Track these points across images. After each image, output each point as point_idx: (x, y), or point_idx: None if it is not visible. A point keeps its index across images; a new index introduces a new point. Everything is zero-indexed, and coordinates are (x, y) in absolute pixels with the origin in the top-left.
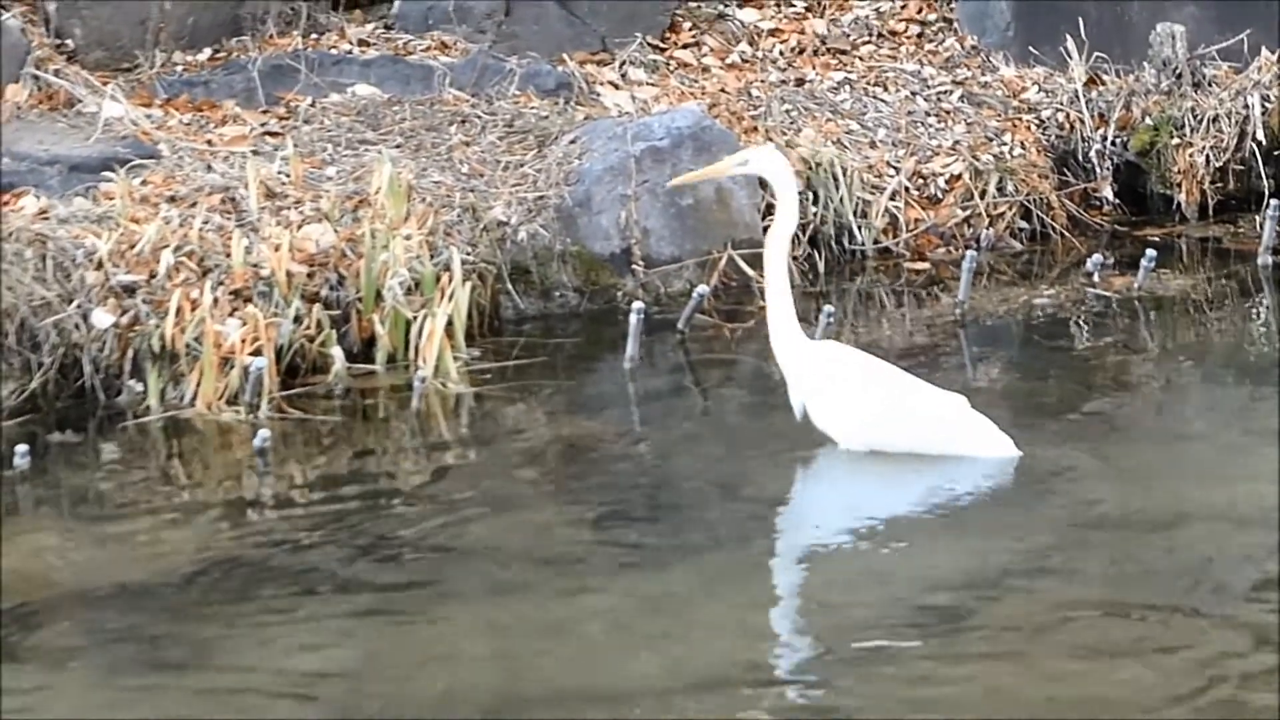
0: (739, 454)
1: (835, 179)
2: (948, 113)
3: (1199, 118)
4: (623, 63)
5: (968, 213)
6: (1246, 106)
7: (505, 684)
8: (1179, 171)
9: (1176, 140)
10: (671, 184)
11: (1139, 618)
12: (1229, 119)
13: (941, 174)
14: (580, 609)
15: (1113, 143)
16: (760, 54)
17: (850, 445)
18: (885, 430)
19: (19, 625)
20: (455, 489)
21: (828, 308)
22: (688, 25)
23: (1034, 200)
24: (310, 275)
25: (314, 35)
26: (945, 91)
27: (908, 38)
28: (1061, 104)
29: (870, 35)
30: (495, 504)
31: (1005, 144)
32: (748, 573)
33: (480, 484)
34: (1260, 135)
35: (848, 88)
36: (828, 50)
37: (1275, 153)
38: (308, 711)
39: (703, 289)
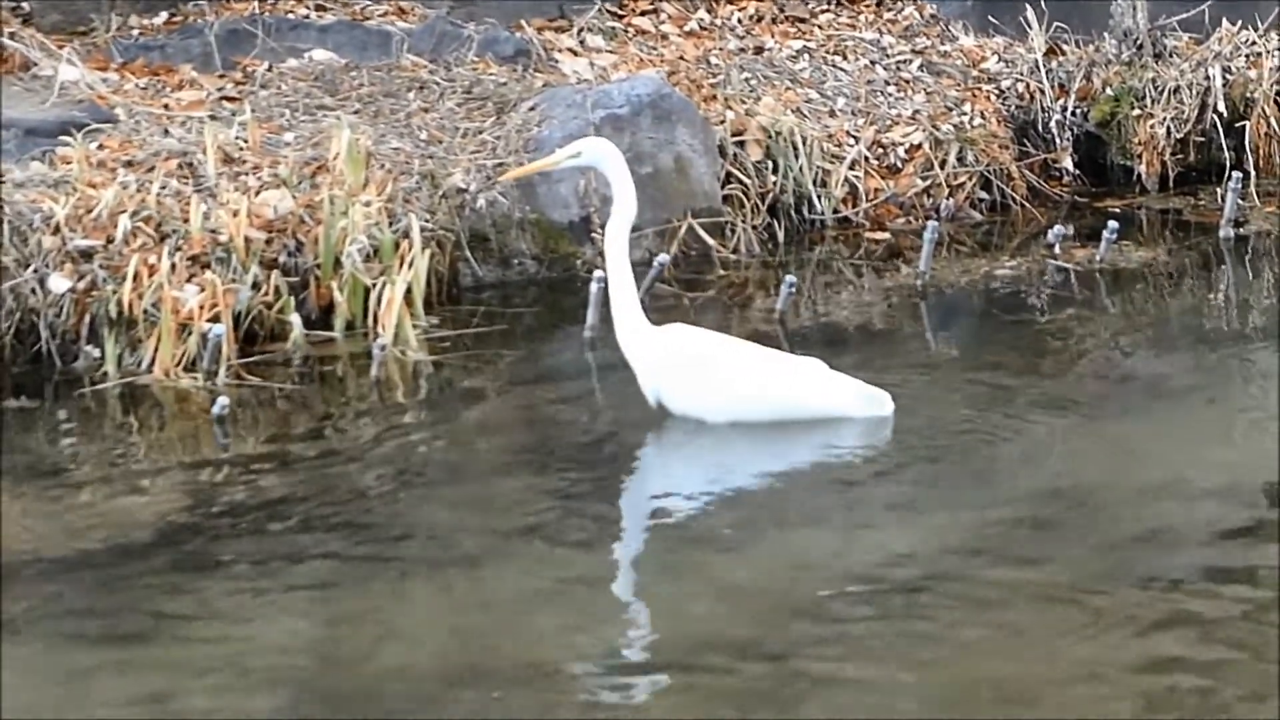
0: (692, 424)
1: (795, 148)
2: (907, 82)
3: (1160, 89)
4: (581, 29)
5: (928, 183)
6: (1208, 78)
7: (464, 657)
8: (1139, 143)
9: (1137, 111)
10: (505, 177)
11: (1074, 596)
12: (1190, 90)
13: (901, 143)
14: (537, 581)
15: (1073, 113)
16: (719, 22)
17: (714, 420)
18: (747, 402)
19: None
20: (414, 459)
21: (789, 278)
22: None
23: (994, 171)
24: (268, 242)
25: (270, 1)
26: (905, 61)
27: (867, 6)
28: (1021, 74)
29: (829, 3)
30: (454, 474)
31: (965, 114)
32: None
33: (439, 454)
34: (1221, 107)
35: (806, 56)
36: (786, 18)
37: (1236, 125)
38: (265, 685)
39: (663, 258)
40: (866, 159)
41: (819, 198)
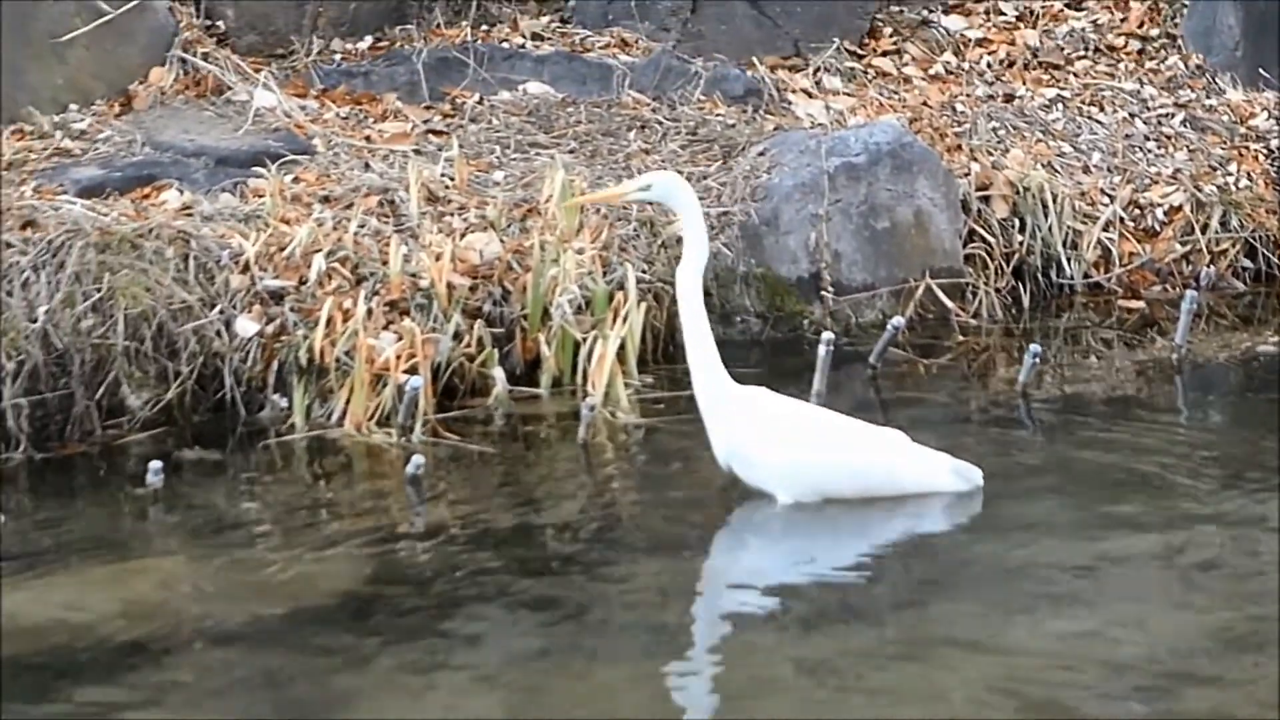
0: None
1: (1044, 206)
2: (1168, 138)
3: None
4: (817, 69)
5: (1187, 248)
6: None
7: None
8: None
9: None
10: (566, 205)
11: None
12: None
13: (1160, 204)
14: (739, 664)
15: None
16: (966, 65)
17: (790, 497)
18: (830, 474)
19: (143, 660)
20: (619, 529)
21: (1033, 346)
22: (888, 31)
23: (1260, 237)
24: (472, 288)
25: (484, 27)
26: (1166, 114)
27: (1127, 54)
28: None
29: (1086, 50)
30: (661, 547)
31: (1230, 174)
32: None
33: (647, 525)
34: None
35: (1060, 106)
36: (1040, 64)
37: None
38: None
39: (897, 321)
40: (1122, 220)
41: (1068, 260)
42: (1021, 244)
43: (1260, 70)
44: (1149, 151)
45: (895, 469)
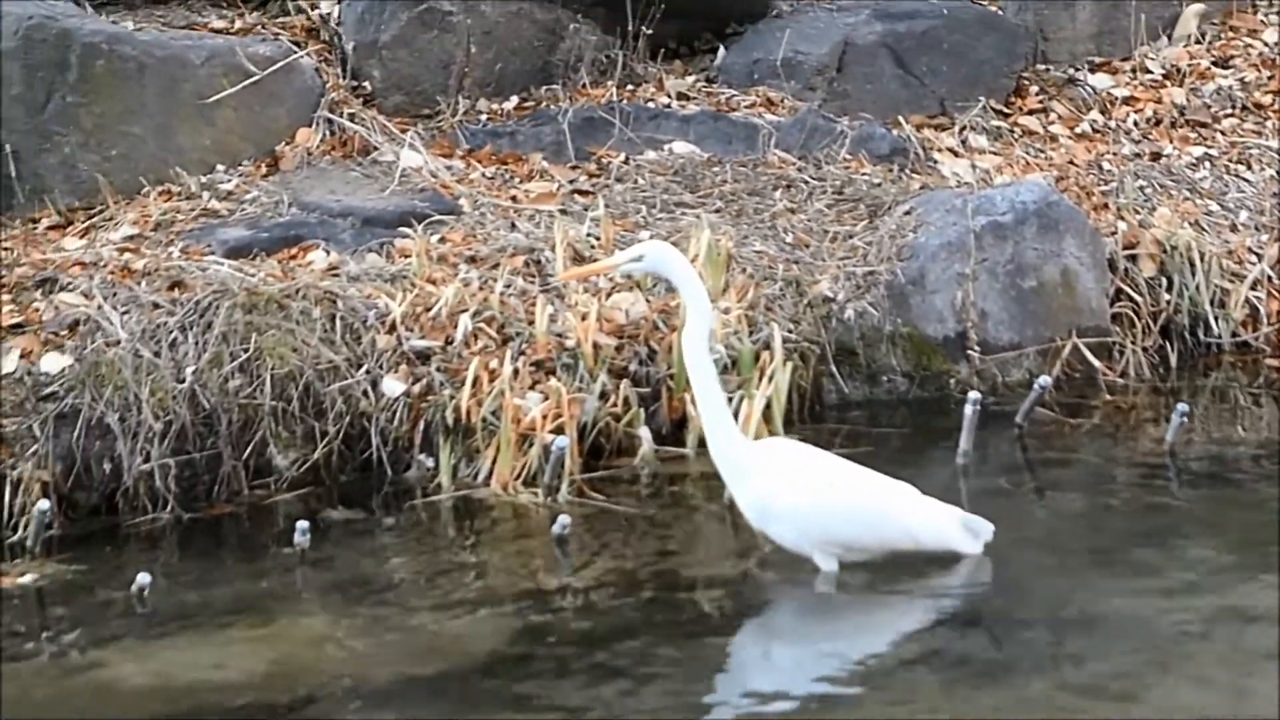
0: (1075, 566)
1: (1191, 264)
2: None
3: None
4: (963, 128)
5: None
6: None
7: None
8: None
9: None
10: (561, 278)
11: None
12: None
13: None
14: None
15: None
16: (1113, 124)
17: (809, 547)
18: (840, 522)
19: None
20: (768, 588)
21: (1181, 405)
22: (1035, 90)
23: None
24: (618, 348)
25: (629, 86)
26: None
27: (1274, 111)
28: None
29: (1234, 108)
30: (810, 610)
31: None
32: (1067, 697)
33: (791, 589)
34: None
35: (1208, 164)
36: (1186, 122)
37: None
38: None
39: (1044, 380)
40: (1269, 278)
41: (1216, 319)
42: (1169, 303)
43: None
44: None
45: (908, 517)
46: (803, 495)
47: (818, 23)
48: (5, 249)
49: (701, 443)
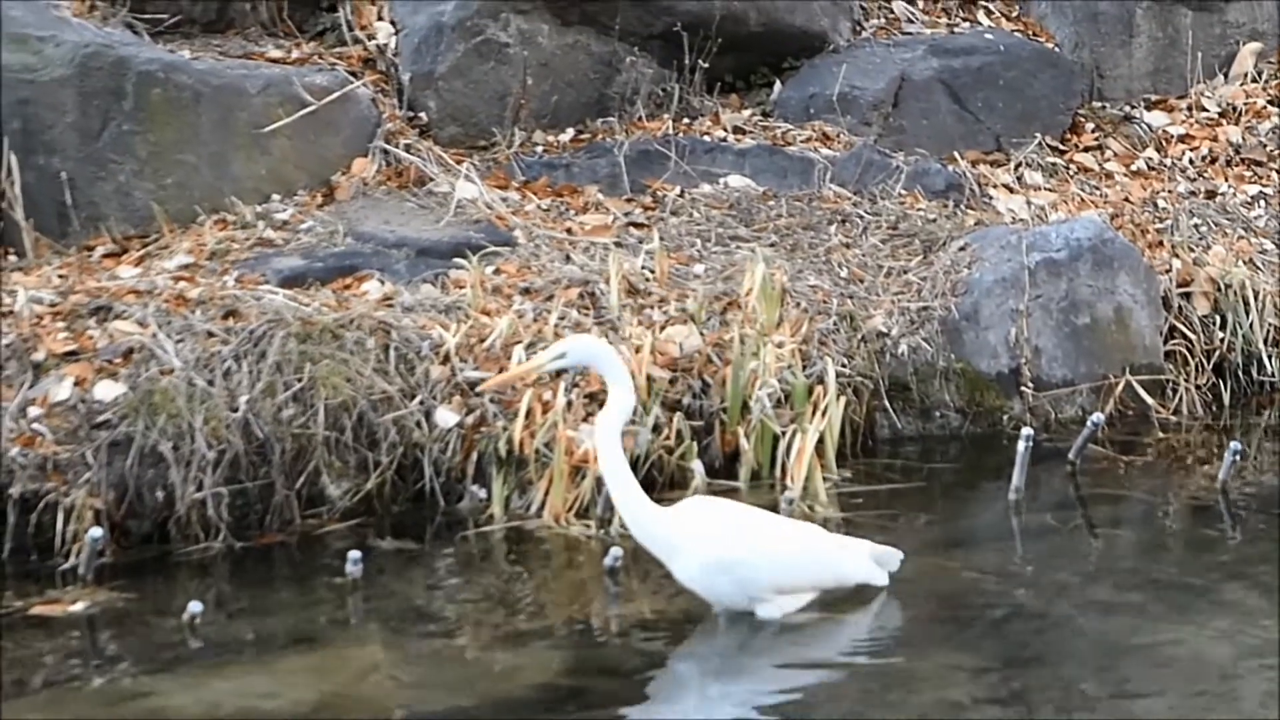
0: (1128, 604)
1: (1246, 302)
2: None
3: None
4: (1018, 164)
5: None
6: None
7: None
8: None
9: None
10: (483, 388)
11: None
12: None
13: None
14: None
15: None
16: (1169, 162)
17: (751, 602)
18: (784, 577)
19: None
20: (818, 626)
21: (1234, 444)
22: (1090, 127)
23: None
24: (672, 381)
25: (685, 119)
26: None
27: None
28: None
29: None
30: (860, 646)
31: None
32: None
33: (838, 626)
34: None
35: (1263, 202)
36: (1242, 160)
37: None
38: None
39: (1097, 417)
40: None
41: (1270, 357)
42: (1222, 341)
43: None
44: None
45: (833, 556)
46: (737, 550)
47: (874, 58)
48: (60, 276)
49: (754, 475)
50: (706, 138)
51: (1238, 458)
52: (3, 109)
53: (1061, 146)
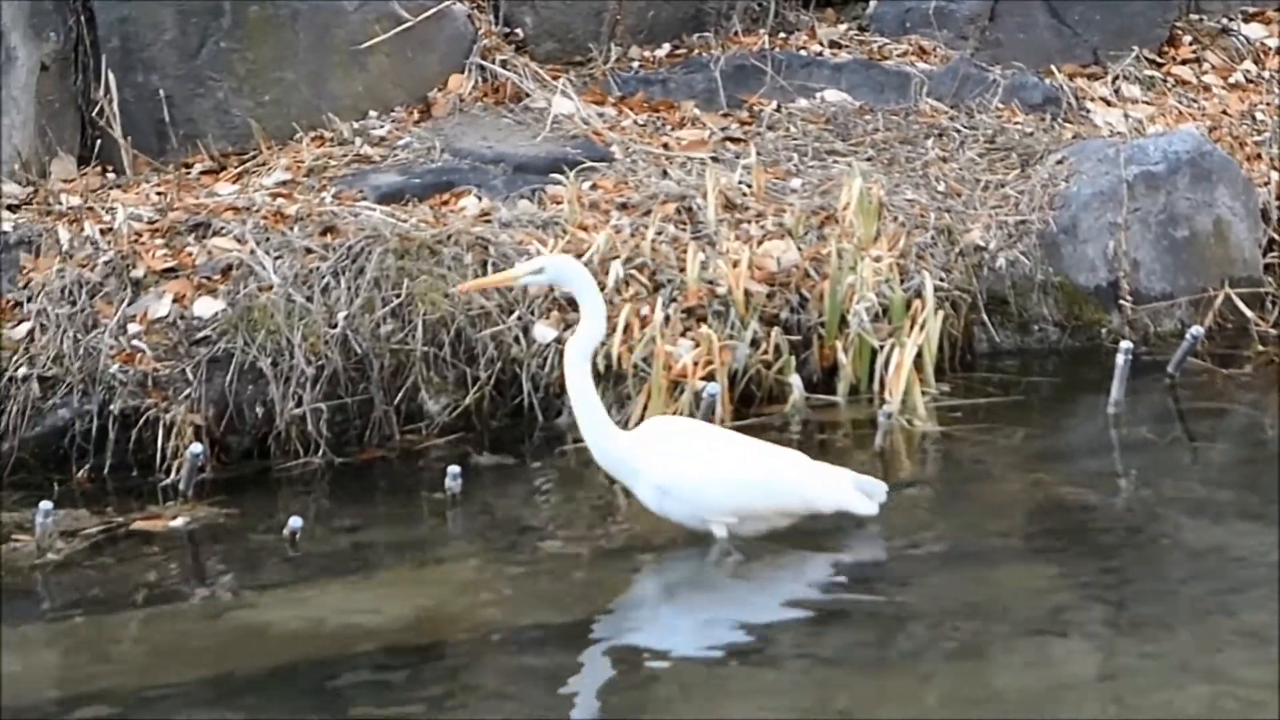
0: (1227, 516)
1: None
2: None
3: None
4: (1116, 78)
5: None
6: None
7: None
8: None
9: None
10: (459, 289)
11: None
12: None
13: None
14: (1049, 677)
15: None
16: (1266, 74)
17: (706, 523)
18: (740, 500)
19: (440, 664)
20: (918, 539)
21: None
22: (1188, 40)
23: None
24: (769, 296)
25: (781, 34)
26: None
27: None
28: None
29: None
30: (961, 557)
31: None
32: (1220, 649)
33: (945, 534)
34: None
35: None
36: None
37: None
38: None
39: (1196, 330)
40: None
41: None
42: None
43: None
44: None
45: (799, 482)
46: (693, 470)
47: None
48: (158, 193)
49: (852, 390)
50: (802, 52)
51: None
52: (101, 27)
53: (1159, 59)
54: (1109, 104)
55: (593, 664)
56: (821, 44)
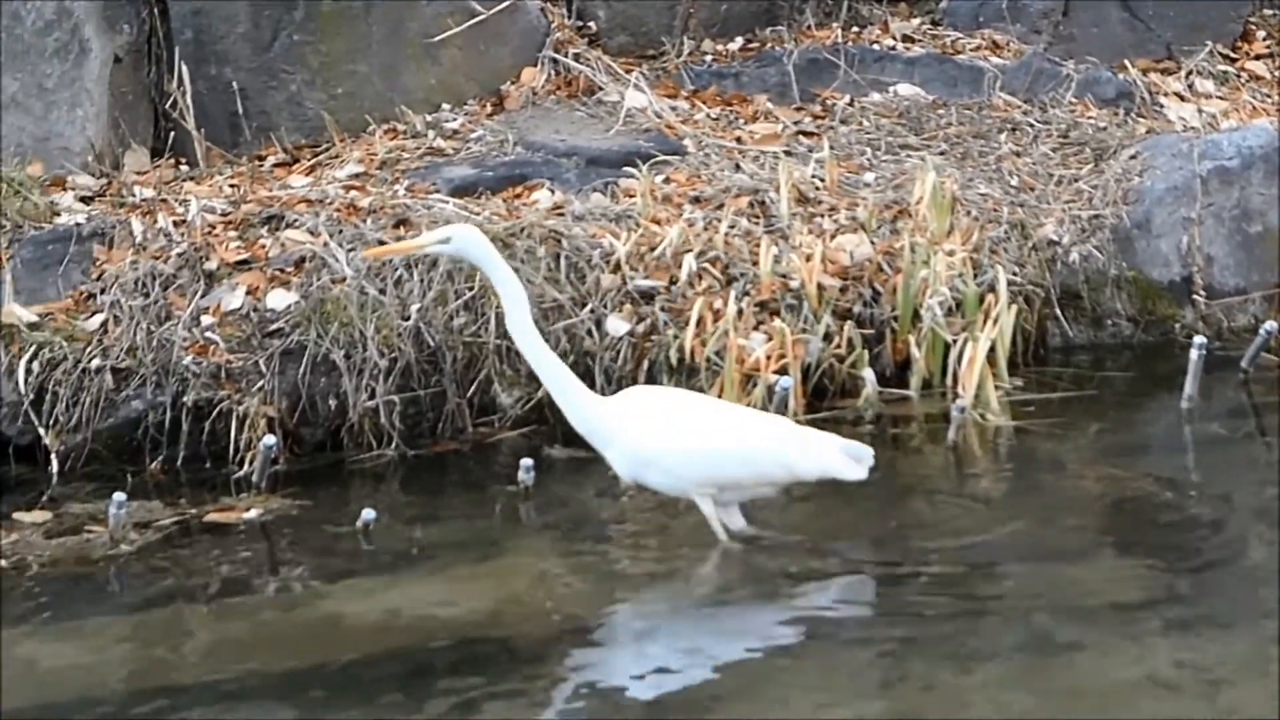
0: None
1: None
2: None
3: None
4: (1189, 72)
5: None
6: None
7: None
8: None
9: None
10: (365, 255)
11: None
12: None
13: None
14: (1125, 673)
15: None
16: None
17: (681, 485)
18: (720, 470)
19: (516, 658)
20: (990, 533)
21: None
22: (1262, 34)
23: None
24: (843, 290)
25: (855, 28)
26: None
27: None
28: None
29: None
30: (1033, 552)
31: None
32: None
33: (1018, 529)
34: None
35: None
36: None
37: None
38: None
39: (1270, 325)
40: None
41: None
42: None
43: None
44: None
45: (781, 450)
46: (671, 440)
47: None
48: (232, 186)
49: (925, 384)
50: (875, 46)
51: None
52: (174, 19)
53: (1233, 55)
54: (1182, 99)
55: (668, 656)
56: (894, 38)
